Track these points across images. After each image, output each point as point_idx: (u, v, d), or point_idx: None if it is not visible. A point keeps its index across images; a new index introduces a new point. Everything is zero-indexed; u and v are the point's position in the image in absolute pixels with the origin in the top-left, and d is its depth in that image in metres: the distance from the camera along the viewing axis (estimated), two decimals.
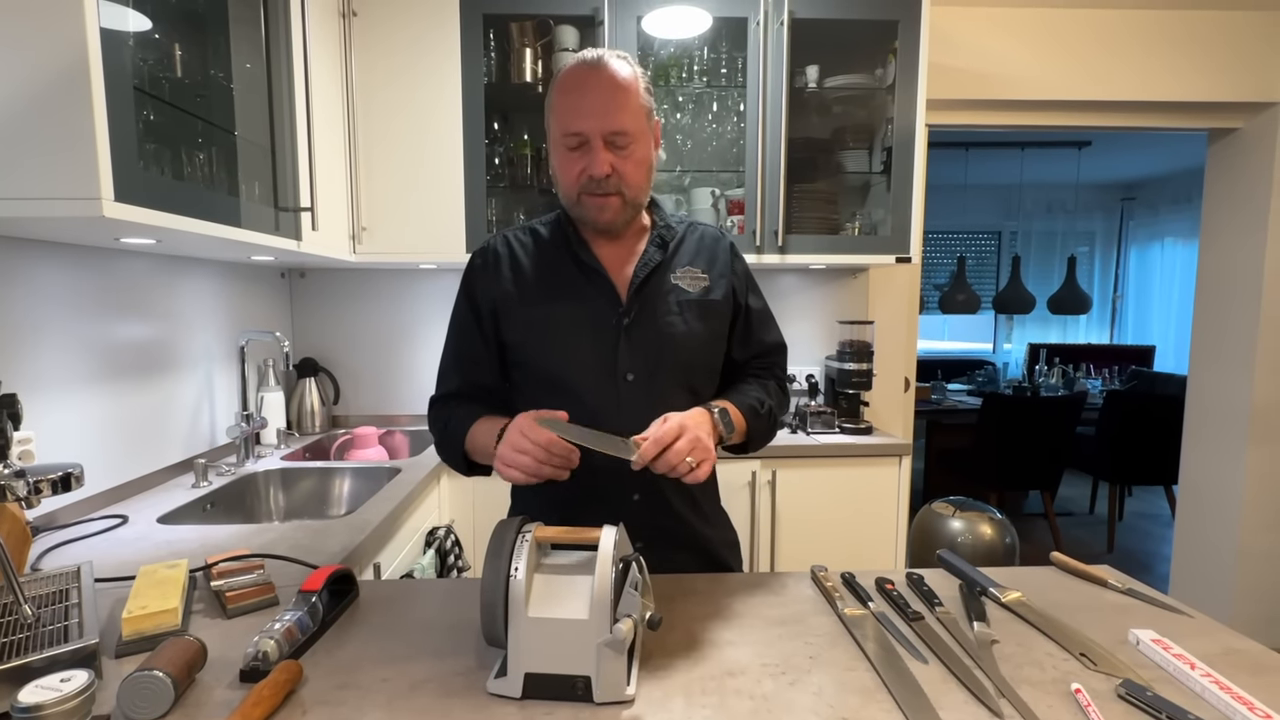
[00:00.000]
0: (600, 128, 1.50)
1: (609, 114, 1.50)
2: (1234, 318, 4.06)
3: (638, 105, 1.55)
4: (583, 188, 1.54)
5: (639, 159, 1.57)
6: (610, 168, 1.52)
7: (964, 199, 9.11)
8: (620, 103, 1.51)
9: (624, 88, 1.52)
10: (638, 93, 1.55)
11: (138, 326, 2.49)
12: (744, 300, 1.77)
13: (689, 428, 1.40)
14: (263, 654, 1.14)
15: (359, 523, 2.13)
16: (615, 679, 1.08)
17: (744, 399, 1.66)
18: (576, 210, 1.61)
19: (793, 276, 4.00)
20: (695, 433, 1.41)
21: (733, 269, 1.75)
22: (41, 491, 1.33)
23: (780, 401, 1.79)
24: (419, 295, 3.83)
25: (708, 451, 1.43)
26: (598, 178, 1.51)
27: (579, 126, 1.50)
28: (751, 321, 1.79)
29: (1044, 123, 3.94)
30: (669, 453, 1.37)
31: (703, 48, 3.46)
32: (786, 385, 1.88)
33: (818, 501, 3.29)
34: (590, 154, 1.51)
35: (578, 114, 1.51)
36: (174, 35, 2.16)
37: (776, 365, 1.86)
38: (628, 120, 1.52)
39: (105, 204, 1.53)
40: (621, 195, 1.56)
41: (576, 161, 1.53)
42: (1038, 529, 6.30)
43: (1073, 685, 1.12)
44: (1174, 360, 8.66)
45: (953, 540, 3.34)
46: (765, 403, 1.70)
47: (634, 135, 1.54)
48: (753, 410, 1.66)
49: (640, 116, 1.55)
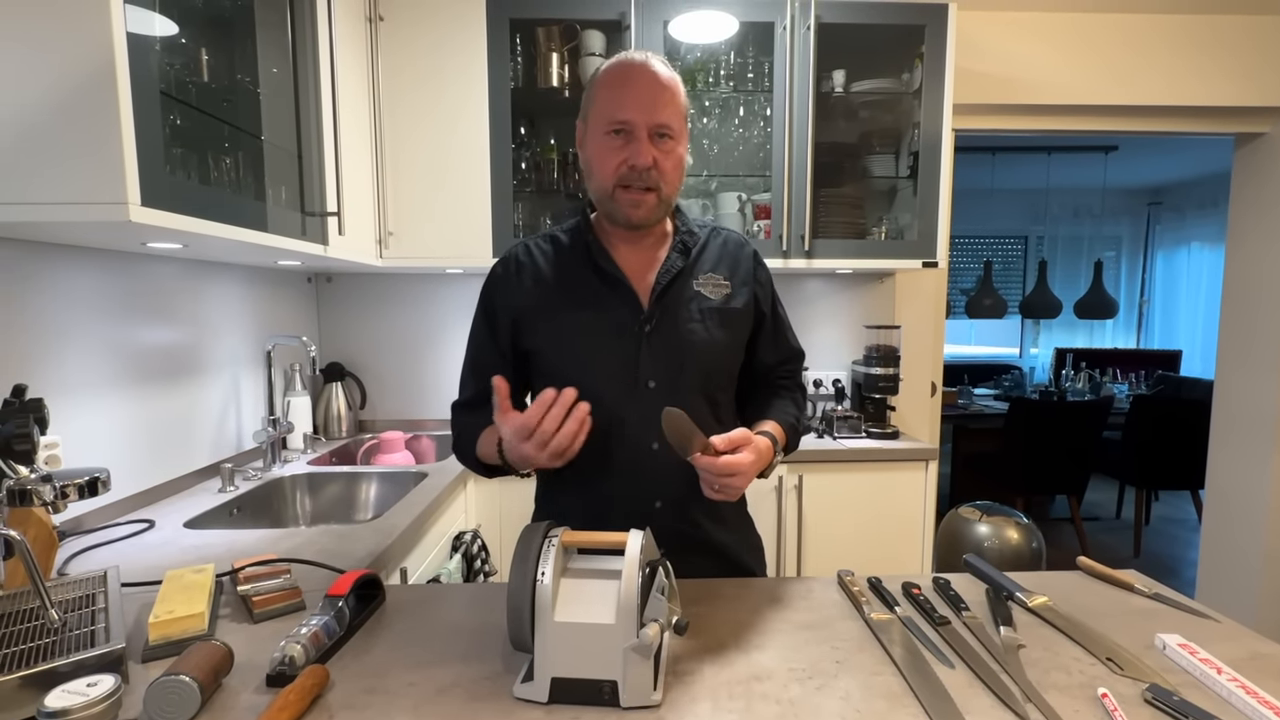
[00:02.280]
0: (647, 120, 1.51)
1: (657, 107, 1.51)
2: (1261, 322, 4.01)
3: (680, 105, 1.56)
4: (621, 179, 1.54)
5: (677, 159, 1.58)
6: (653, 160, 1.52)
7: (990, 204, 9.07)
8: (667, 99, 1.53)
9: (670, 85, 1.54)
10: (680, 93, 1.57)
11: (164, 331, 2.51)
12: (768, 308, 1.77)
13: (747, 465, 1.42)
14: (289, 659, 1.13)
15: (385, 527, 2.13)
16: (642, 684, 1.07)
17: (785, 418, 1.71)
18: (608, 205, 1.59)
19: (819, 281, 3.98)
20: (748, 468, 1.42)
21: (755, 277, 1.75)
22: (68, 496, 1.34)
23: (802, 414, 1.82)
24: (445, 300, 3.85)
25: (743, 486, 1.46)
26: (641, 168, 1.51)
27: (626, 115, 1.51)
28: (780, 328, 1.81)
29: (1070, 128, 3.91)
30: (732, 479, 1.40)
31: (729, 52, 3.45)
32: (804, 395, 1.91)
33: (844, 506, 3.27)
34: (635, 144, 1.52)
35: (625, 104, 1.51)
36: (201, 40, 2.18)
37: (797, 373, 1.89)
38: (673, 116, 1.54)
39: (132, 209, 1.54)
40: (658, 192, 1.56)
41: (619, 151, 1.53)
42: (1064, 534, 6.26)
43: (1099, 690, 1.10)
44: (1201, 365, 8.59)
45: (979, 545, 3.33)
46: (801, 419, 1.77)
47: (676, 133, 1.55)
48: (792, 429, 1.71)
49: (681, 117, 1.57)
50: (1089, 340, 9.83)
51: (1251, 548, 4.05)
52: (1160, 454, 5.89)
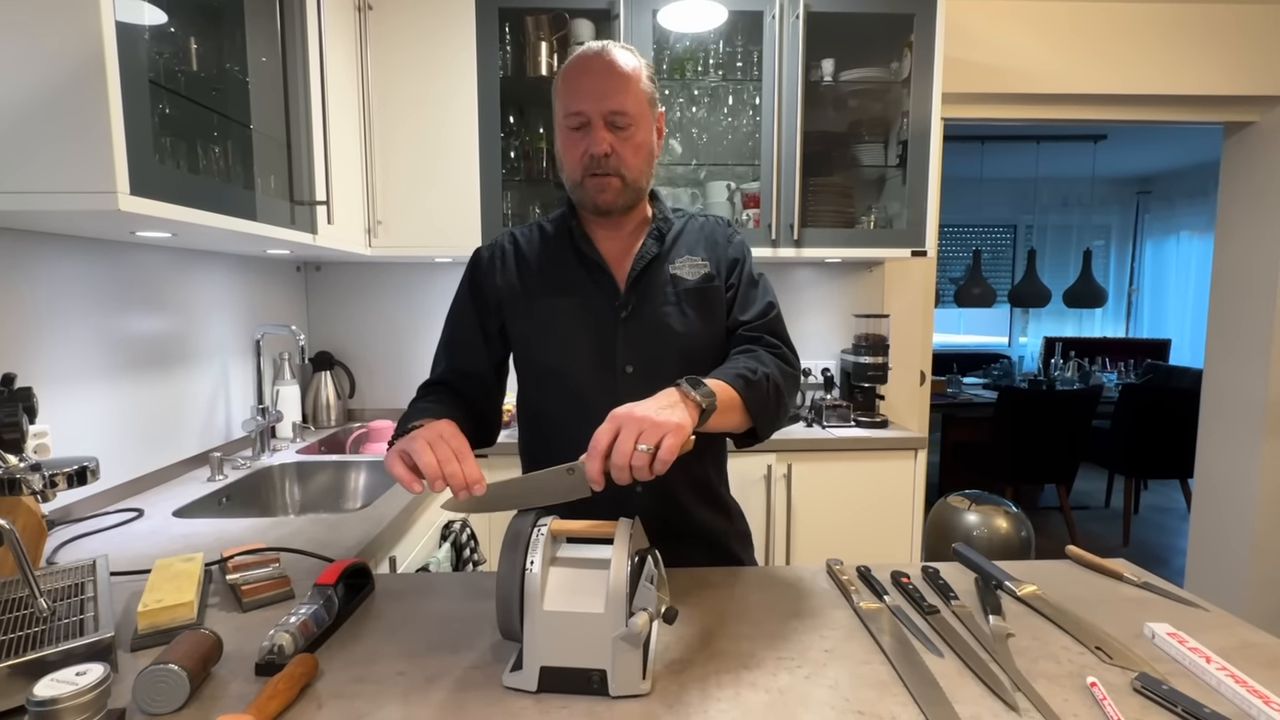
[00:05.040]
0: (600, 108, 1.53)
1: (609, 95, 1.53)
2: (1250, 311, 4.03)
3: (638, 90, 1.57)
4: (585, 168, 1.57)
5: (638, 143, 1.58)
6: (610, 147, 1.54)
7: (979, 193, 9.09)
8: (619, 85, 1.54)
9: (624, 72, 1.55)
10: (639, 79, 1.57)
11: (153, 320, 2.50)
12: (732, 278, 1.70)
13: (623, 417, 1.22)
14: (278, 647, 1.14)
15: (375, 516, 2.13)
16: (631, 672, 1.08)
17: (727, 369, 1.49)
18: (579, 193, 1.62)
19: (808, 270, 3.98)
20: (638, 415, 1.22)
21: (724, 247, 1.73)
22: (57, 485, 1.34)
23: (782, 370, 1.59)
24: (434, 289, 3.85)
25: (660, 427, 1.21)
26: (597, 156, 1.54)
27: (580, 106, 1.53)
28: (737, 295, 1.70)
29: (1059, 116, 3.91)
30: (614, 454, 1.19)
31: (718, 41, 3.45)
32: (785, 351, 1.66)
33: (833, 495, 3.28)
34: (591, 133, 1.54)
35: (580, 95, 1.54)
36: (189, 29, 2.16)
37: (766, 331, 1.67)
38: (628, 102, 1.54)
39: (121, 197, 1.54)
40: (621, 177, 1.57)
41: (579, 143, 1.56)
42: (1053, 522, 6.29)
43: (1088, 679, 1.11)
44: (1190, 354, 8.62)
45: (968, 534, 3.34)
46: (758, 369, 1.50)
47: (634, 118, 1.56)
48: (742, 379, 1.45)
49: (641, 101, 1.57)
50: (1078, 329, 9.86)
51: (1240, 536, 4.07)
52: (1149, 443, 5.91)
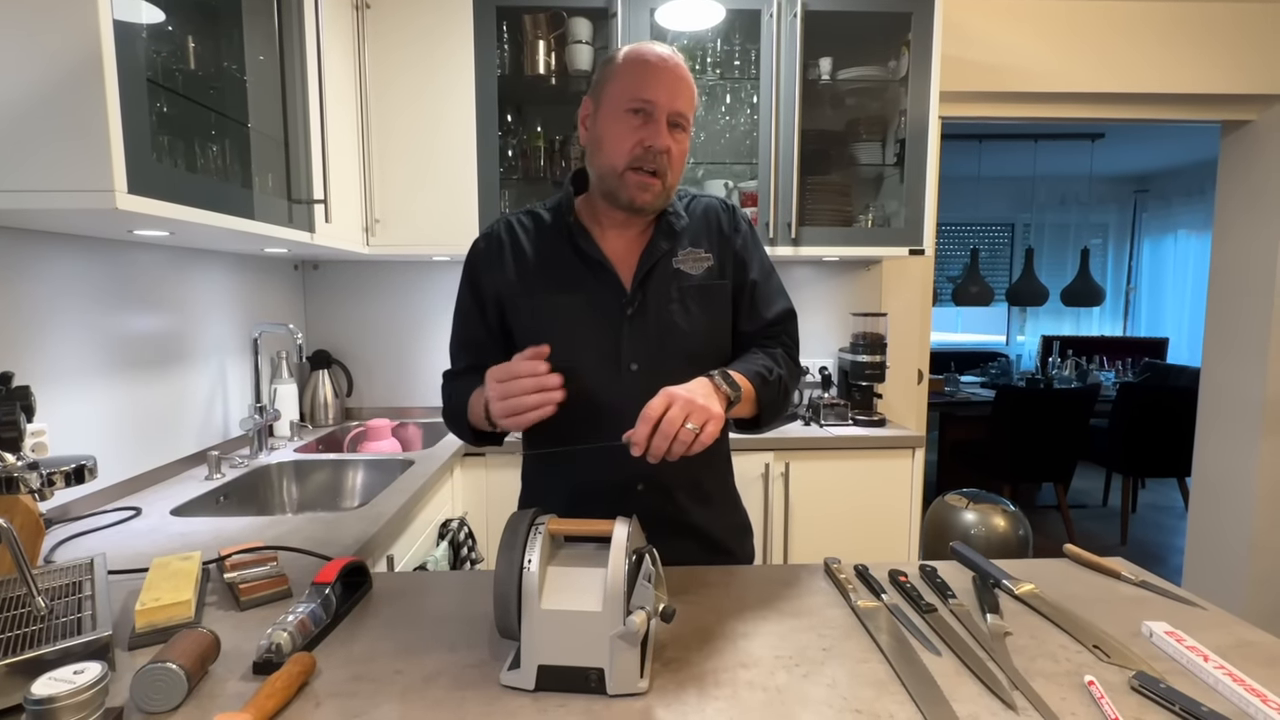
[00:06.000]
0: (670, 104, 1.52)
1: (679, 95, 1.54)
2: (1247, 310, 4.03)
3: (695, 102, 1.59)
4: (634, 160, 1.53)
5: (684, 150, 1.60)
6: (668, 145, 1.53)
7: (977, 191, 9.08)
8: (687, 90, 1.56)
9: (689, 79, 1.57)
10: (695, 92, 1.59)
11: (151, 319, 2.50)
12: (745, 274, 1.73)
13: (677, 395, 1.33)
14: (276, 646, 1.13)
15: (372, 515, 2.13)
16: (628, 671, 1.08)
17: (749, 365, 1.59)
18: (614, 184, 1.57)
19: (806, 269, 3.99)
20: (687, 396, 1.33)
21: (730, 238, 1.73)
22: (55, 483, 1.33)
23: (792, 371, 1.71)
24: (432, 287, 3.84)
25: (707, 412, 1.32)
26: (658, 149, 1.52)
27: (651, 95, 1.51)
28: (756, 296, 1.74)
29: (1057, 115, 3.91)
30: (664, 423, 1.29)
31: (716, 40, 3.45)
32: (796, 353, 1.79)
33: (831, 494, 3.28)
34: (653, 125, 1.52)
35: (653, 85, 1.52)
36: (187, 27, 2.16)
37: (784, 333, 1.78)
38: (689, 108, 1.56)
39: (118, 196, 1.54)
40: (664, 180, 1.56)
41: (636, 131, 1.52)
42: (1051, 521, 6.29)
43: (1086, 677, 1.11)
44: (1187, 352, 8.64)
45: (966, 532, 3.34)
46: (774, 370, 1.62)
47: (688, 125, 1.58)
48: (760, 377, 1.57)
49: (694, 112, 1.60)
50: (1076, 328, 9.87)
51: (1238, 535, 4.07)
52: (1147, 441, 5.91)
